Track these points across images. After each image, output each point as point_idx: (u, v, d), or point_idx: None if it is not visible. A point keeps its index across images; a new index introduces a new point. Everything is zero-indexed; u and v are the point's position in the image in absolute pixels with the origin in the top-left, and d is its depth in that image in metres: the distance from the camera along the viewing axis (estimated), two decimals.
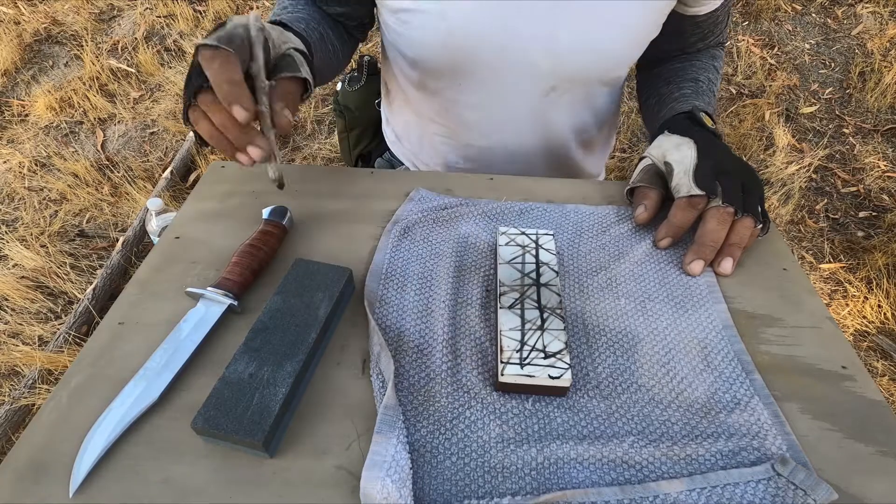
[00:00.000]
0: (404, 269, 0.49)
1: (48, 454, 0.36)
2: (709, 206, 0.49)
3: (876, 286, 1.48)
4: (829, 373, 0.42)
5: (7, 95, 2.04)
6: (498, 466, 0.36)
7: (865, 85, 2.04)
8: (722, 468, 0.36)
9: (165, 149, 1.88)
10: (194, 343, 0.42)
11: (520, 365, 0.39)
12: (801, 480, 0.34)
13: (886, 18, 2.24)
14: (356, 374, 0.41)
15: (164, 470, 0.36)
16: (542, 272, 0.46)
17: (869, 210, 1.70)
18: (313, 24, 0.60)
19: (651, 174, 0.54)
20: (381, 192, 0.57)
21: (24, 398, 1.23)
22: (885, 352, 1.36)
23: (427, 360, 0.42)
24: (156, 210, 1.35)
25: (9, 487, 0.35)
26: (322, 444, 0.37)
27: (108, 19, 2.34)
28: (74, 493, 0.34)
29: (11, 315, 1.40)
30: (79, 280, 1.50)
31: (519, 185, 0.59)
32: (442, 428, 0.38)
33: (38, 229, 1.61)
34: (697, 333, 0.44)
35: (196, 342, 0.42)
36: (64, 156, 1.82)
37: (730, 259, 0.49)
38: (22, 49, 2.18)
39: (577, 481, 0.35)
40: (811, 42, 2.21)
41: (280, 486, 0.35)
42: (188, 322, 0.43)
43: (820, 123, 1.96)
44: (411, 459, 0.36)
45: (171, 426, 0.38)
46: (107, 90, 2.06)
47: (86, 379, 0.41)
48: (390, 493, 0.32)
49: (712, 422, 0.39)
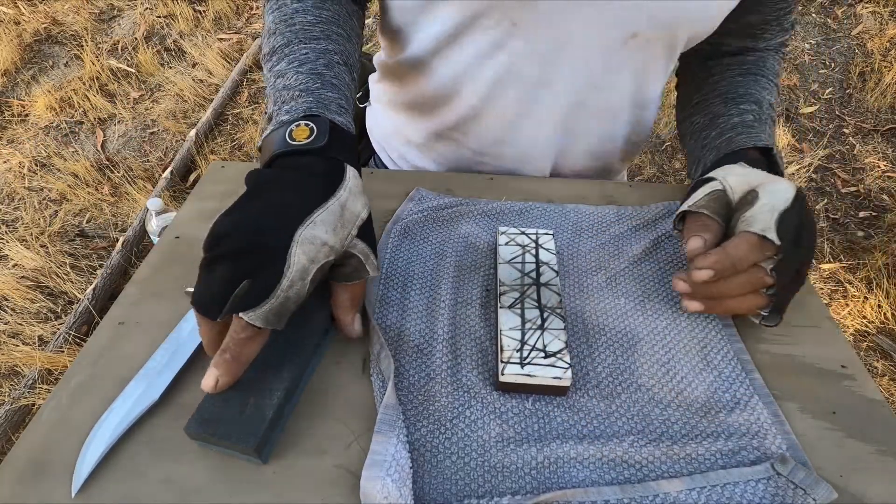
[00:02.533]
0: (404, 269, 0.49)
1: (48, 454, 0.36)
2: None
3: (876, 286, 1.48)
4: (829, 372, 0.42)
5: (7, 95, 2.05)
6: (498, 466, 0.36)
7: (865, 85, 2.05)
8: (722, 467, 0.36)
9: (165, 149, 1.88)
10: (195, 343, 0.42)
11: (520, 364, 0.39)
12: (800, 479, 0.34)
13: (886, 18, 2.24)
14: (356, 374, 0.41)
15: (164, 469, 0.36)
16: (542, 272, 0.46)
17: (869, 210, 1.70)
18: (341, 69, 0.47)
19: (719, 203, 0.44)
20: (380, 192, 0.57)
21: (24, 398, 1.23)
22: (885, 352, 1.36)
23: (427, 359, 0.42)
24: (156, 210, 1.35)
25: (9, 487, 0.35)
26: (322, 444, 0.37)
27: (108, 19, 2.35)
28: (77, 494, 0.34)
29: (11, 315, 1.40)
30: (79, 280, 1.50)
31: (519, 185, 0.59)
32: (442, 427, 0.38)
33: (38, 229, 1.61)
34: (697, 333, 0.45)
35: (197, 342, 0.42)
36: (64, 156, 1.83)
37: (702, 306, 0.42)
38: (22, 49, 2.18)
39: (576, 481, 0.35)
40: (811, 42, 2.21)
41: (280, 485, 0.35)
42: (189, 321, 0.43)
43: (820, 123, 1.96)
44: (411, 459, 0.36)
45: (171, 426, 0.38)
46: (107, 90, 2.06)
47: (86, 379, 0.41)
48: (390, 492, 0.32)
49: (712, 421, 0.39)
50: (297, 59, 0.45)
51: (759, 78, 0.57)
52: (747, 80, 0.57)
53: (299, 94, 0.43)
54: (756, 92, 0.56)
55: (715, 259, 0.39)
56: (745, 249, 0.39)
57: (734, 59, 0.60)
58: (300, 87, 0.43)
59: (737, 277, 0.40)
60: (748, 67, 0.58)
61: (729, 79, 0.58)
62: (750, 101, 0.55)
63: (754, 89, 0.56)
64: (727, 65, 0.59)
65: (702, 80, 0.60)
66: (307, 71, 0.44)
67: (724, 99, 0.56)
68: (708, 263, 0.39)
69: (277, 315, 0.34)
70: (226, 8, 2.34)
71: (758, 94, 0.56)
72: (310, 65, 0.45)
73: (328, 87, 0.44)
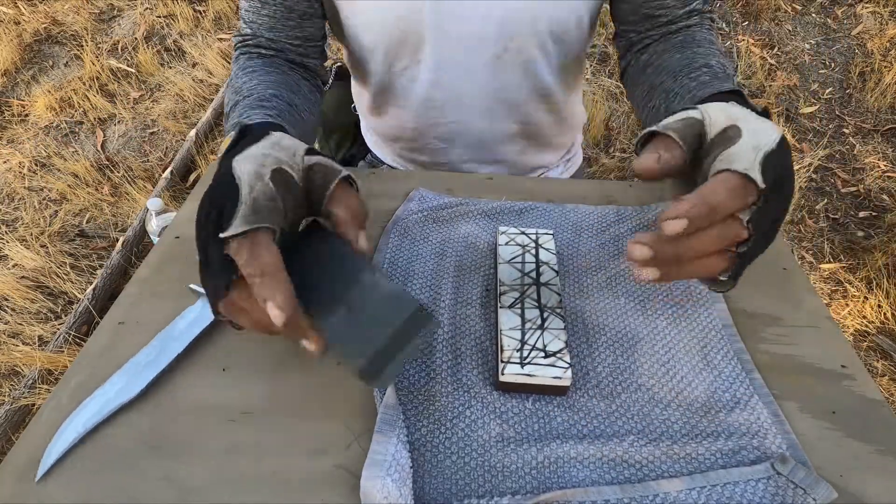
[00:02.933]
0: (404, 269, 0.49)
1: None
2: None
3: (876, 286, 1.48)
4: (829, 372, 0.42)
5: (7, 95, 2.05)
6: (498, 465, 0.36)
7: (865, 85, 2.04)
8: (722, 467, 0.36)
9: (165, 149, 1.88)
10: (184, 343, 0.42)
11: (520, 364, 0.39)
12: (800, 479, 0.34)
13: (886, 18, 2.24)
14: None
15: (163, 468, 0.36)
16: (541, 271, 0.46)
17: (869, 210, 1.70)
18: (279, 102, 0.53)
19: (691, 131, 0.37)
20: (380, 192, 0.57)
21: (24, 398, 1.23)
22: (885, 352, 1.36)
23: (427, 359, 0.42)
24: (156, 210, 1.35)
25: (9, 487, 0.35)
26: (322, 443, 0.37)
27: (108, 19, 2.35)
28: (40, 480, 0.35)
29: (11, 315, 1.40)
30: (79, 280, 1.50)
31: (519, 185, 0.59)
32: (442, 427, 0.38)
33: (38, 229, 1.61)
34: (697, 332, 0.45)
35: (186, 342, 0.42)
36: (64, 156, 1.83)
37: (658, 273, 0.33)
38: (22, 49, 2.18)
39: (577, 480, 0.35)
40: (811, 42, 2.21)
41: (279, 484, 0.35)
42: (184, 319, 0.43)
43: (820, 123, 1.96)
44: (411, 458, 0.36)
45: (170, 425, 0.38)
46: (107, 90, 2.06)
47: (86, 379, 0.41)
48: (390, 492, 0.32)
49: (712, 421, 0.39)
50: (244, 106, 0.51)
51: (697, 48, 0.56)
52: (686, 55, 0.56)
53: (233, 126, 0.49)
54: (700, 58, 0.55)
55: (690, 205, 0.32)
56: (723, 194, 0.33)
57: (663, 43, 0.60)
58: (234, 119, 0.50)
59: (710, 230, 0.34)
60: (678, 44, 0.58)
61: (667, 59, 0.58)
62: (698, 67, 0.54)
63: (698, 59, 0.55)
64: (660, 51, 0.59)
65: (641, 72, 0.61)
66: (247, 107, 0.51)
67: (673, 74, 0.55)
68: (682, 210, 0.32)
69: (256, 213, 0.33)
70: (226, 8, 2.34)
71: (703, 59, 0.54)
72: (251, 104, 0.51)
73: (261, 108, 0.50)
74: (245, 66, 0.58)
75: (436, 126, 0.69)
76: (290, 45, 0.61)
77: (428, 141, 0.72)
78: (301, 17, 0.60)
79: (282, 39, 0.60)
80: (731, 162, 0.34)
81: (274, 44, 0.60)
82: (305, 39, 0.61)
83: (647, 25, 0.61)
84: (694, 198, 0.33)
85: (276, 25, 0.59)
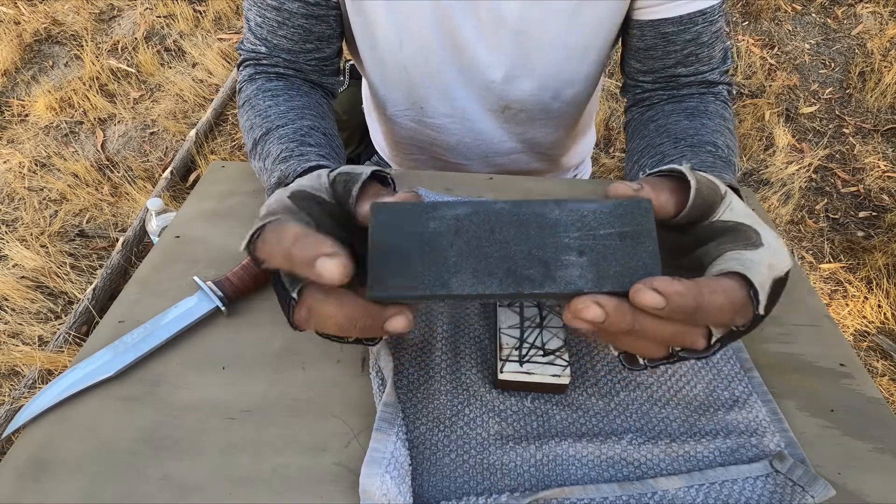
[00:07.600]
0: None
1: (48, 453, 0.36)
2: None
3: (876, 286, 1.48)
4: (828, 370, 0.42)
5: (7, 95, 2.05)
6: (497, 463, 0.36)
7: (865, 85, 2.05)
8: (720, 465, 0.36)
9: (165, 149, 1.88)
10: (171, 331, 0.43)
11: (519, 362, 0.39)
12: (798, 477, 0.35)
13: (886, 18, 2.24)
14: (355, 372, 0.41)
15: (163, 467, 0.36)
16: None
17: (869, 210, 1.70)
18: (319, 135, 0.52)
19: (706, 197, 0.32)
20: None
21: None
22: (885, 352, 1.36)
23: (426, 357, 0.42)
24: (156, 210, 1.35)
25: (9, 486, 0.35)
26: (321, 441, 0.37)
27: (108, 19, 2.35)
28: (5, 437, 0.37)
29: (11, 315, 1.40)
30: (79, 280, 1.50)
31: (519, 185, 0.59)
32: (441, 425, 0.38)
33: (38, 229, 1.61)
34: None
35: (172, 331, 0.43)
36: (64, 156, 1.83)
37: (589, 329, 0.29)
38: (22, 49, 2.18)
39: (575, 478, 0.35)
40: (811, 42, 2.21)
41: (279, 483, 0.35)
42: (177, 309, 0.44)
43: (820, 123, 1.96)
44: (410, 456, 0.36)
45: (170, 423, 0.38)
46: (107, 90, 2.06)
47: None
48: (389, 489, 0.32)
49: (711, 419, 0.39)
50: (278, 137, 0.50)
51: (706, 120, 0.53)
52: (693, 124, 0.52)
53: (284, 159, 0.47)
54: (708, 133, 0.51)
55: (680, 290, 0.27)
56: (721, 304, 0.28)
57: (671, 104, 0.57)
58: (283, 155, 0.48)
59: (675, 324, 0.29)
60: (687, 110, 0.55)
61: (673, 123, 0.53)
62: (703, 143, 0.49)
63: (705, 133, 0.51)
64: (668, 112, 0.56)
65: (644, 127, 0.57)
66: (287, 141, 0.49)
67: (675, 141, 0.51)
68: (670, 289, 0.27)
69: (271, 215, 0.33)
70: (226, 8, 2.34)
71: (710, 136, 0.50)
72: (290, 137, 0.50)
73: (307, 146, 0.49)
74: (265, 88, 0.56)
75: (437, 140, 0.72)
76: (308, 66, 0.60)
77: (432, 152, 0.74)
78: (319, 40, 0.59)
79: (300, 61, 0.59)
80: (748, 269, 0.29)
81: (292, 64, 0.59)
82: (323, 60, 0.60)
83: (656, 86, 0.59)
84: (688, 286, 0.27)
85: (293, 47, 0.58)
